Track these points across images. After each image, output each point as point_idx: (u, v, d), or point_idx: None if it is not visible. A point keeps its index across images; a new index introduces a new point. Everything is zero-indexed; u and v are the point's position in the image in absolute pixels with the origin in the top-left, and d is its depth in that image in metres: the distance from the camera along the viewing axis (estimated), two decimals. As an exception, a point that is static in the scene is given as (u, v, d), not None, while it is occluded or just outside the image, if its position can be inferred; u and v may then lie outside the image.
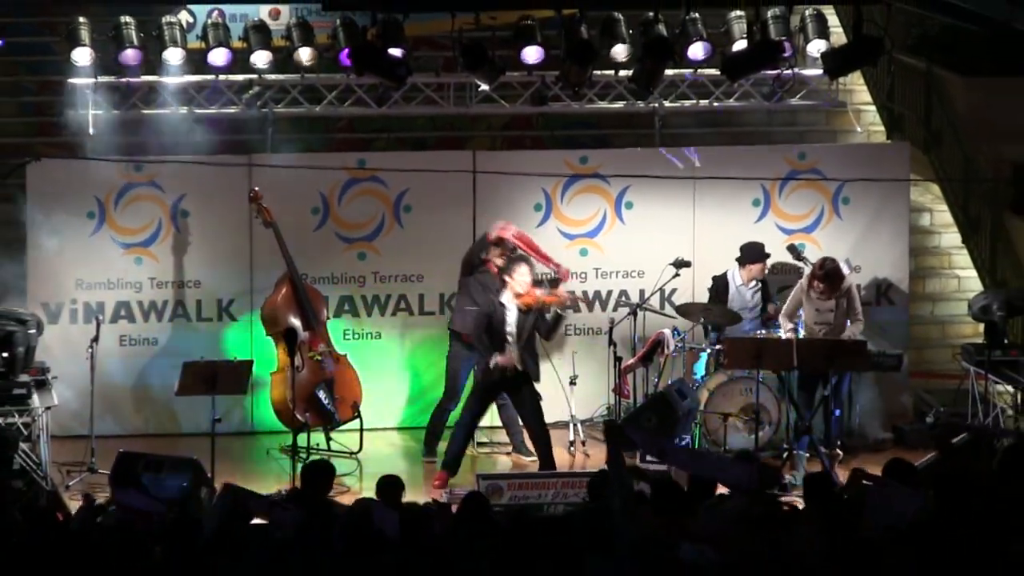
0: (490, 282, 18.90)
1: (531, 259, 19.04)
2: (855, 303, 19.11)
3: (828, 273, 18.84)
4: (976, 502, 14.40)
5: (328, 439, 19.19)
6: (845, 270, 19.22)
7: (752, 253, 19.64)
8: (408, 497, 15.40)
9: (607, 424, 16.06)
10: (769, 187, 20.47)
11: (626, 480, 14.26)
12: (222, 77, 20.20)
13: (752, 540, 13.37)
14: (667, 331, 19.70)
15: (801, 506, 14.64)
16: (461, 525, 13.90)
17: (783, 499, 15.78)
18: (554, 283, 19.19)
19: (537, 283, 18.66)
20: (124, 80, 20.13)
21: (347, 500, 15.61)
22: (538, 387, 18.90)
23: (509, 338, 18.24)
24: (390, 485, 14.36)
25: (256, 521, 14.25)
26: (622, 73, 20.59)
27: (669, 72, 20.55)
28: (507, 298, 18.30)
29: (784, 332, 19.05)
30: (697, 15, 20.37)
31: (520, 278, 18.35)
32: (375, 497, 14.45)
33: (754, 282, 19.66)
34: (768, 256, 19.69)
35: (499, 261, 18.94)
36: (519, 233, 19.41)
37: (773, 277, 20.01)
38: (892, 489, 14.70)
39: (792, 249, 20.05)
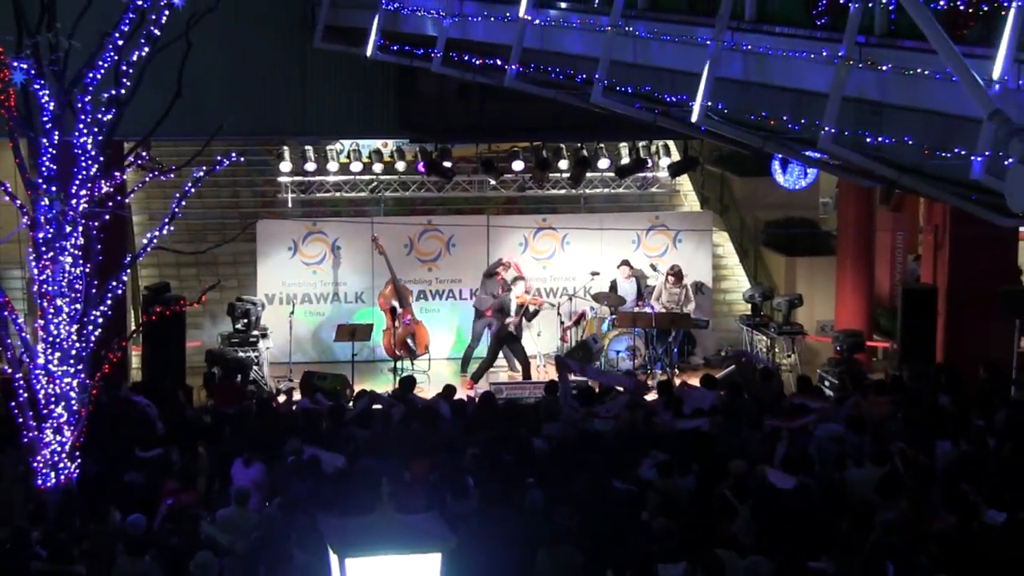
0: (495, 285, 18.65)
1: (523, 278, 18.85)
2: (689, 295, 19.10)
3: (676, 273, 19.06)
4: (747, 400, 14.26)
5: (412, 365, 18.91)
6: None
7: (621, 262, 19.44)
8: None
9: (557, 359, 15.97)
10: (640, 234, 20.16)
11: (567, 387, 14.12)
12: (357, 177, 20.07)
13: (631, 417, 13.22)
14: (587, 308, 19.52)
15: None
16: (481, 408, 13.75)
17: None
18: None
19: (526, 292, 18.56)
20: (306, 178, 20.01)
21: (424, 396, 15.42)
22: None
23: (511, 315, 18.19)
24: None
25: (377, 406, 14.15)
26: (564, 175, 20.51)
27: (588, 174, 20.55)
28: (512, 297, 18.25)
29: (653, 308, 18.92)
30: (602, 145, 20.42)
31: (519, 290, 18.38)
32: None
33: (630, 279, 19.39)
34: (629, 264, 19.38)
35: (507, 275, 18.69)
36: (516, 264, 19.25)
37: (641, 279, 19.72)
38: (699, 391, 14.58)
39: (652, 266, 19.80)
